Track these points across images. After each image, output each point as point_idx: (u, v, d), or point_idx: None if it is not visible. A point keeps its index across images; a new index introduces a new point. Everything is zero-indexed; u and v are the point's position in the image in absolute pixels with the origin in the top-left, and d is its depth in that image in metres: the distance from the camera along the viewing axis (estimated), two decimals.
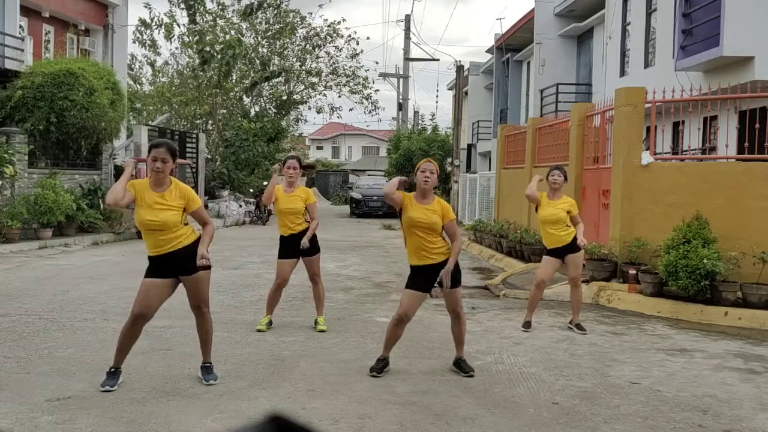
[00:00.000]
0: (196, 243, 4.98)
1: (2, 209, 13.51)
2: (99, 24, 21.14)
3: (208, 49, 24.35)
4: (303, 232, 6.83)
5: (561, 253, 7.13)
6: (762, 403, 4.96)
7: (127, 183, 4.89)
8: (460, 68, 24.77)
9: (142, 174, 13.25)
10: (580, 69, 21.46)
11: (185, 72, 27.89)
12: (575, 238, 7.16)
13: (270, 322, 6.96)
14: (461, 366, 5.52)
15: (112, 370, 4.97)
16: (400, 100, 35.21)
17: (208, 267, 4.98)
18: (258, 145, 25.24)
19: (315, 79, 29.05)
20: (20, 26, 17.79)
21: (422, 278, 5.34)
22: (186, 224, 5.02)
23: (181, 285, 5.04)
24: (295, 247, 6.81)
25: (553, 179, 7.18)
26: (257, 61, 26.84)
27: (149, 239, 4.91)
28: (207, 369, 5.17)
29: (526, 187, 13.57)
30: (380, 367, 5.43)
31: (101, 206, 15.77)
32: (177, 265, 4.92)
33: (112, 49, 21.43)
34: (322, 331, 6.86)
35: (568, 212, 7.13)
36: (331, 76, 29.53)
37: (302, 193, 6.87)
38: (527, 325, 7.22)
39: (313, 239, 6.91)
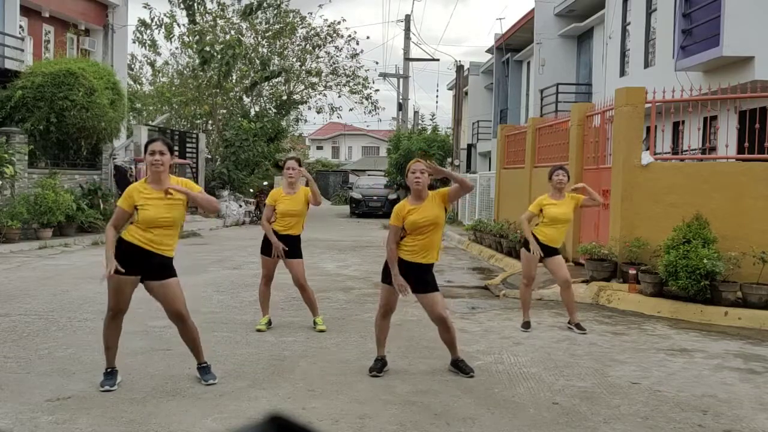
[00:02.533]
0: (172, 259, 4.96)
1: (2, 209, 13.52)
2: (99, 24, 21.13)
3: (208, 49, 24.36)
4: (296, 237, 6.83)
5: (543, 252, 7.16)
6: (762, 403, 4.96)
7: (120, 201, 4.88)
8: (460, 68, 24.80)
9: (142, 175, 13.25)
10: (580, 69, 21.45)
11: (185, 72, 27.90)
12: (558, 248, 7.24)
13: (269, 322, 6.96)
14: (460, 366, 5.52)
15: (109, 370, 4.97)
16: (400, 100, 35.19)
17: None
18: (258, 145, 25.24)
19: (315, 79, 29.04)
20: (20, 26, 17.79)
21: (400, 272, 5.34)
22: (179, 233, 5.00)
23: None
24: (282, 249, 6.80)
25: (558, 179, 7.19)
26: (257, 61, 26.83)
27: (146, 233, 4.77)
28: (205, 369, 5.15)
29: (526, 187, 13.58)
30: (379, 366, 5.44)
31: (101, 206, 15.78)
32: (147, 268, 4.83)
33: (112, 49, 21.43)
34: (321, 331, 6.85)
35: (576, 204, 7.27)
36: (331, 76, 29.53)
37: (303, 193, 6.86)
38: (527, 325, 7.23)
39: (296, 244, 6.88)
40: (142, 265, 4.82)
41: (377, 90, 59.10)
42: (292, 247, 6.83)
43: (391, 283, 5.41)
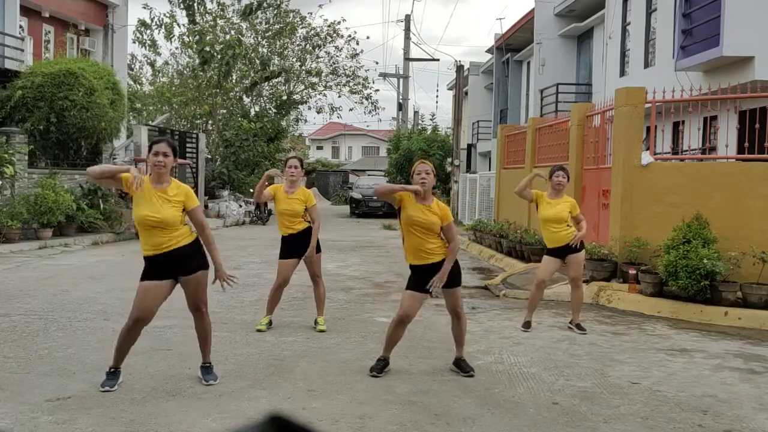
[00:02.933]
0: (194, 243, 4.96)
1: (2, 209, 13.51)
2: (99, 24, 21.14)
3: (208, 49, 24.35)
4: (303, 231, 6.85)
5: (562, 252, 7.13)
6: (762, 403, 4.96)
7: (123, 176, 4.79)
8: (460, 68, 24.80)
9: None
10: (580, 69, 21.46)
11: (185, 72, 27.89)
12: None
13: (270, 322, 6.96)
14: (461, 366, 5.52)
15: (112, 370, 4.97)
16: (400, 100, 35.21)
17: (205, 267, 5.01)
18: (258, 145, 25.23)
19: (315, 79, 29.04)
20: (20, 26, 17.79)
21: (422, 278, 5.34)
22: (185, 224, 5.00)
23: (178, 285, 5.00)
24: (296, 247, 6.83)
25: (557, 180, 7.11)
26: (257, 61, 26.83)
27: (147, 238, 4.84)
28: (207, 369, 5.17)
29: None
30: (380, 367, 5.43)
31: (101, 206, 15.79)
32: (175, 265, 4.88)
33: (112, 49, 21.43)
34: (322, 331, 6.86)
35: (570, 212, 7.12)
36: (331, 76, 29.53)
37: (302, 195, 6.87)
38: (527, 325, 7.22)
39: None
40: (169, 268, 4.87)
41: (377, 90, 59.18)
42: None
43: (414, 289, 5.35)
